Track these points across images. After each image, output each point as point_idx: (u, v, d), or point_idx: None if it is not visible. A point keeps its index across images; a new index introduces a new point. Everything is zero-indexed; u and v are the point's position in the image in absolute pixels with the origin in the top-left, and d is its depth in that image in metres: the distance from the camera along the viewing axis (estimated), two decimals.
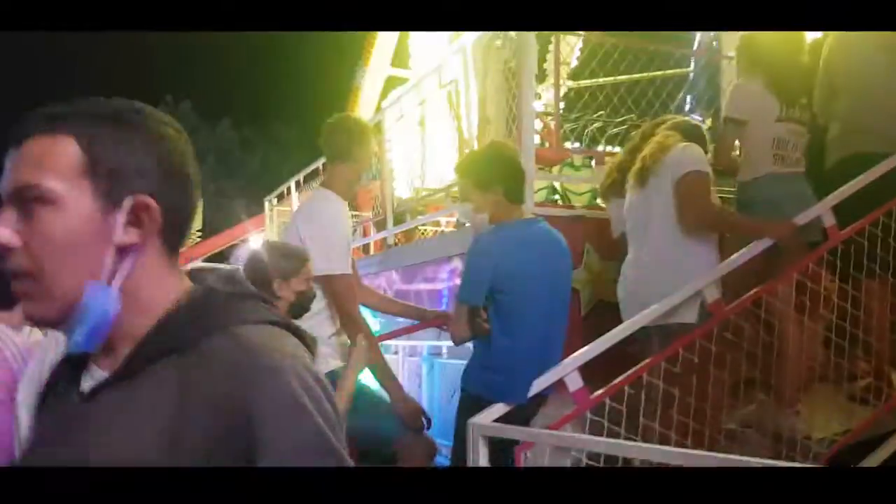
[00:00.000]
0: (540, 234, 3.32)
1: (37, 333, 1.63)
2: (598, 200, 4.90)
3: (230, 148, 34.81)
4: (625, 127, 5.95)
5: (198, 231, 17.97)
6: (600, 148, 6.23)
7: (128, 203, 1.04)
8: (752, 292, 3.44)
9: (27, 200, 1.01)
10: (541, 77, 6.05)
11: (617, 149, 5.97)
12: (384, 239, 6.61)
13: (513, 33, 4.73)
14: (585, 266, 4.38)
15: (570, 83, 6.92)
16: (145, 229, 1.06)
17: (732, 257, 3.41)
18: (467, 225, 3.42)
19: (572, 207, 4.68)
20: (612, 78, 5.99)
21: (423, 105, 5.89)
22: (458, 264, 4.87)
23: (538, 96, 7.02)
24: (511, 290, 3.14)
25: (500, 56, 4.93)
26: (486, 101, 4.98)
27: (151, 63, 39.19)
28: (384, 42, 12.65)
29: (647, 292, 3.34)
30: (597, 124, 6.33)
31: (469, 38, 6.21)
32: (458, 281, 4.60)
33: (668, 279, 3.29)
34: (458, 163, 3.63)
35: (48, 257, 1.01)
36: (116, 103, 1.09)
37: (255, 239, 11.44)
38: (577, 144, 6.46)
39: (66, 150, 1.02)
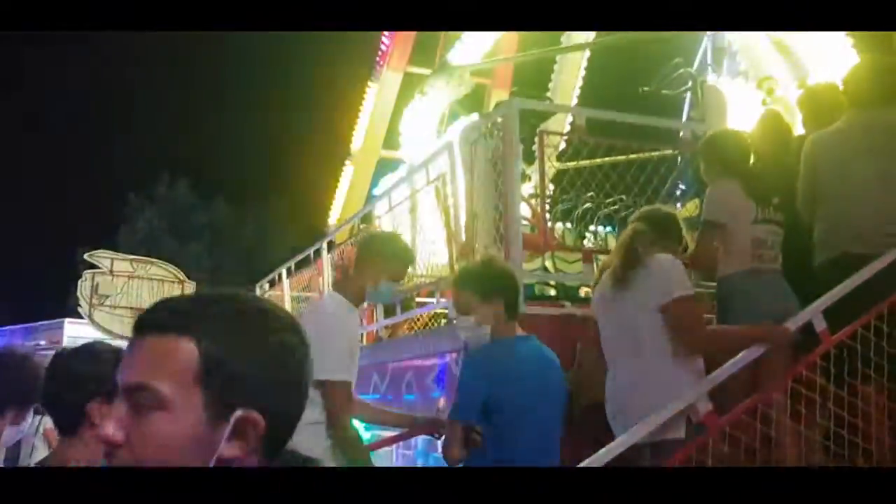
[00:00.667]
0: (532, 352, 3.33)
1: None
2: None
3: (225, 223, 35.00)
4: (615, 207, 5.96)
5: None
6: (592, 228, 6.23)
7: (236, 417, 1.02)
8: (746, 402, 3.38)
9: (138, 399, 1.00)
10: (529, 159, 6.12)
11: (609, 229, 6.00)
12: (375, 331, 6.58)
13: (498, 119, 4.80)
14: (578, 366, 4.33)
15: (559, 164, 7.00)
16: (249, 443, 1.04)
17: (723, 367, 3.35)
18: (464, 337, 3.38)
19: (562, 306, 4.63)
20: (600, 160, 6.04)
21: (414, 196, 5.93)
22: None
23: (527, 178, 7.10)
24: (505, 409, 3.13)
25: (486, 148, 4.98)
26: (472, 196, 5.01)
27: (150, 140, 39.74)
28: (375, 124, 12.89)
29: (635, 408, 3.28)
30: (588, 204, 6.34)
31: (456, 133, 6.32)
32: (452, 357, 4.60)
33: (658, 395, 3.23)
34: (458, 276, 3.59)
35: (149, 456, 0.99)
36: (242, 305, 1.08)
37: None
38: (568, 225, 6.47)
39: (184, 355, 1.02)
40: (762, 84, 6.68)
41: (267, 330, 1.07)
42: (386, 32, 11.88)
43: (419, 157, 8.07)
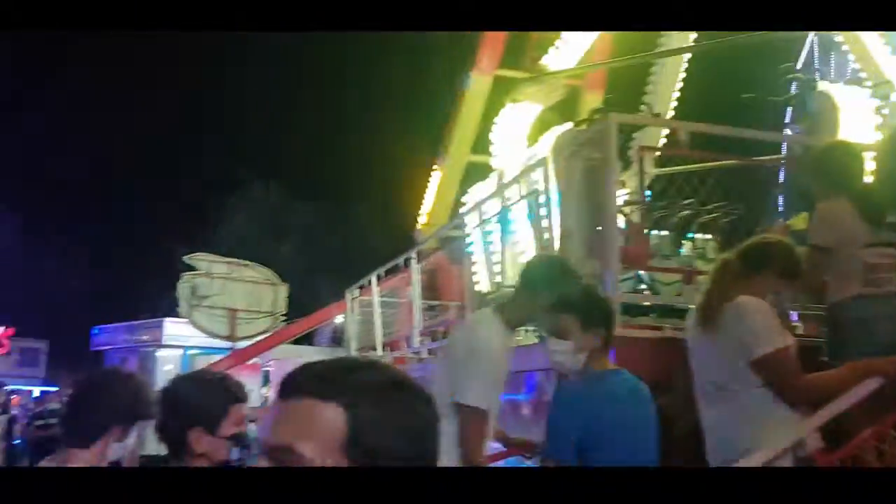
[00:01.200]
0: (625, 387, 3.21)
1: None
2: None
3: (317, 225, 35.70)
4: (715, 214, 5.74)
5: (282, 315, 18.23)
6: (691, 235, 6.02)
7: None
8: (859, 437, 3.17)
9: (281, 459, 1.00)
10: (625, 164, 5.95)
11: (708, 237, 5.78)
12: None
13: (597, 127, 4.69)
14: (676, 390, 4.19)
15: (657, 171, 6.80)
16: None
17: (834, 403, 3.15)
18: (556, 360, 3.26)
19: (659, 328, 4.47)
20: (696, 165, 5.84)
21: (505, 210, 5.86)
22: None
23: (622, 184, 6.92)
24: (598, 447, 3.01)
25: (582, 163, 4.86)
26: (567, 211, 4.91)
27: (242, 140, 40.85)
28: (464, 128, 12.85)
29: (736, 449, 3.10)
30: (686, 211, 6.13)
31: (549, 144, 6.20)
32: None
33: (758, 436, 3.06)
34: (560, 298, 3.44)
35: None
36: (387, 375, 1.09)
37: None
38: (665, 233, 6.27)
39: (331, 422, 1.02)
40: (879, 90, 6.27)
41: (410, 402, 1.08)
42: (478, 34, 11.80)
43: (510, 166, 7.99)
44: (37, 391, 29.35)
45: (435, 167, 13.67)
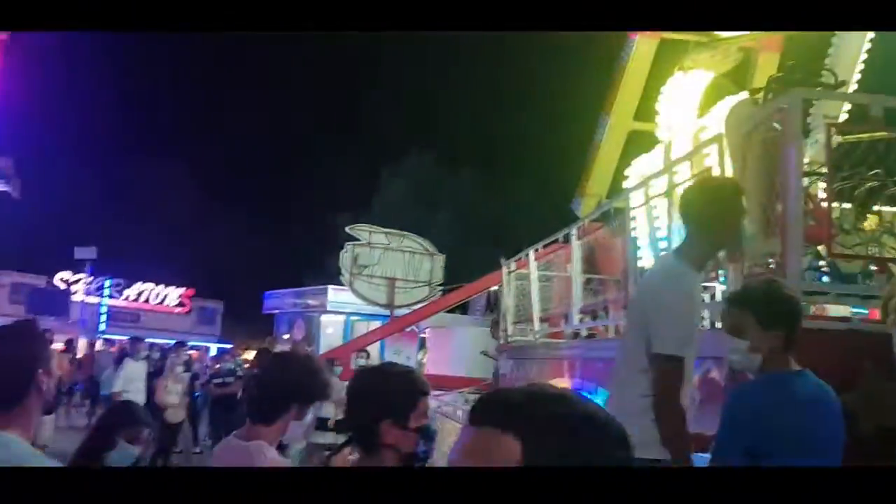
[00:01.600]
0: (808, 391, 2.90)
1: None
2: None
3: (471, 195, 35.92)
4: None
5: (439, 285, 18.55)
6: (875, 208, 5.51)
7: None
8: None
9: None
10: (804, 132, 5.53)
11: None
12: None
13: (778, 104, 4.37)
14: (863, 387, 3.86)
15: (840, 138, 6.27)
16: None
17: None
18: (732, 359, 3.06)
19: (847, 319, 4.13)
20: (885, 134, 5.33)
21: (673, 189, 5.59)
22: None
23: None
24: (773, 454, 2.75)
25: (761, 139, 4.54)
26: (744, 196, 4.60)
27: (397, 116, 41.66)
28: (627, 94, 12.42)
29: None
30: (872, 183, 5.61)
31: (723, 115, 5.84)
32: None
33: None
34: (737, 294, 3.21)
35: None
36: (574, 411, 1.04)
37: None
38: (846, 206, 5.79)
39: (506, 453, 1.00)
40: None
41: (593, 441, 1.01)
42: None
43: (677, 137, 7.63)
44: (213, 348, 31.62)
45: (595, 136, 13.33)
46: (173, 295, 35.39)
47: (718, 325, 5.19)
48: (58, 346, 12.37)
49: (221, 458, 2.67)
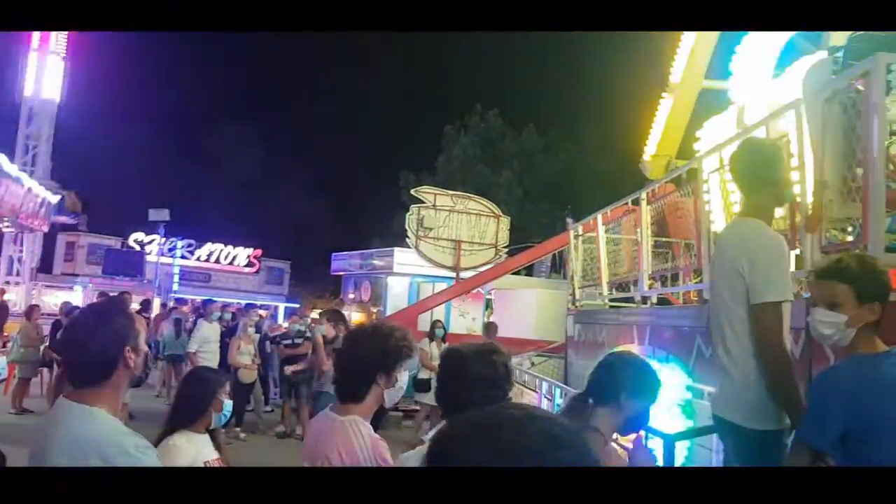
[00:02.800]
0: None
1: None
2: None
3: (535, 152, 35.62)
4: None
5: (504, 246, 18.54)
6: None
7: None
8: None
9: None
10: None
11: None
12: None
13: (861, 68, 4.22)
14: None
15: None
16: None
17: None
18: (821, 332, 2.97)
19: None
20: None
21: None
22: None
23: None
24: (867, 440, 2.66)
25: (842, 106, 4.40)
26: (822, 163, 4.47)
27: (462, 73, 41.31)
28: (698, 53, 12.08)
29: None
30: None
31: (800, 73, 5.66)
32: None
33: None
34: (834, 265, 3.12)
35: None
36: (535, 434, 1.00)
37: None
38: None
39: None
40: None
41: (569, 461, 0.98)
42: None
43: (752, 99, 7.42)
44: (281, 308, 32.30)
45: (664, 94, 13.01)
46: (242, 255, 36.19)
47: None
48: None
49: (317, 431, 2.73)
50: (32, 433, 2.28)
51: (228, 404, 3.74)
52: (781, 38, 7.68)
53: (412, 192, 18.55)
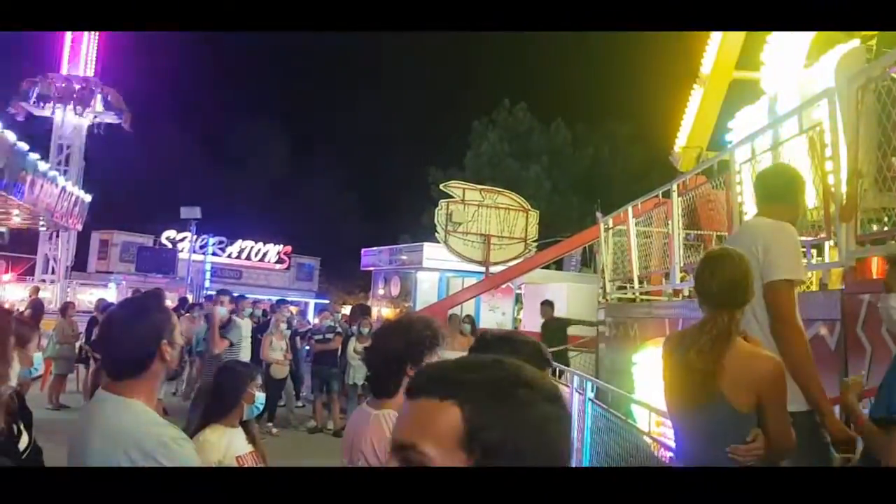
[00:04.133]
0: None
1: None
2: None
3: (563, 146, 35.46)
4: None
5: (534, 241, 18.49)
6: None
7: None
8: None
9: (406, 456, 1.04)
10: None
11: None
12: None
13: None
14: None
15: None
16: None
17: None
18: (892, 316, 2.95)
19: None
20: None
21: (778, 146, 5.40)
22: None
23: None
24: None
25: (877, 94, 4.32)
26: (856, 152, 4.40)
27: (489, 68, 41.22)
28: (728, 44, 11.96)
29: None
30: None
31: (832, 66, 5.59)
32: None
33: None
34: None
35: None
36: (504, 373, 1.08)
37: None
38: None
39: (448, 420, 1.04)
40: None
41: (529, 400, 1.06)
42: None
43: (783, 88, 7.33)
44: (311, 304, 32.49)
45: (695, 86, 12.90)
46: (273, 252, 36.45)
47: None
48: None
49: (353, 425, 2.77)
50: (69, 428, 2.32)
51: (261, 396, 3.78)
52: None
53: (441, 186, 18.55)
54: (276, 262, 36.74)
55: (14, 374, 2.38)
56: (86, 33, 26.61)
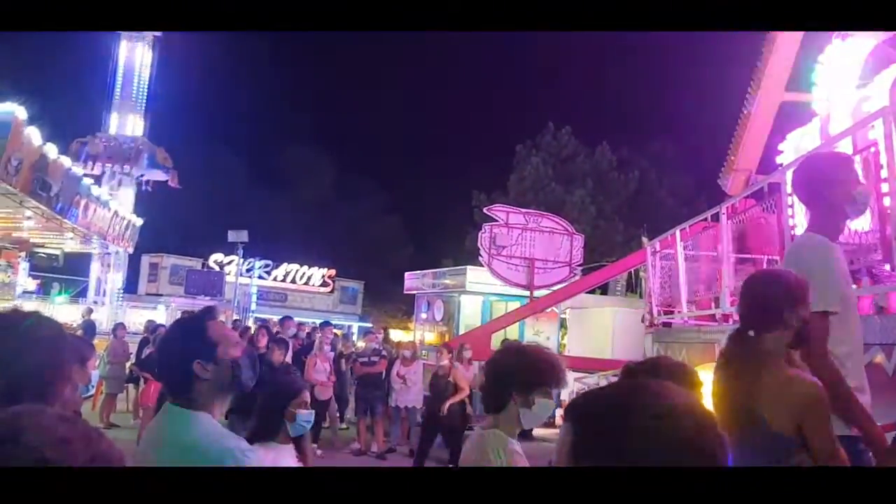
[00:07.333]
0: None
1: None
2: None
3: (608, 170, 35.27)
4: None
5: (579, 265, 18.35)
6: None
7: None
8: None
9: None
10: None
11: None
12: None
13: None
14: None
15: None
16: None
17: None
18: None
19: None
20: None
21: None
22: None
23: None
24: None
25: None
26: None
27: (532, 93, 41.28)
28: (778, 65, 11.82)
29: None
30: None
31: (885, 85, 5.50)
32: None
33: None
34: None
35: None
36: (613, 399, 1.12)
37: None
38: None
39: (563, 444, 1.10)
40: None
41: (629, 425, 1.05)
42: None
43: (836, 110, 7.21)
44: (355, 327, 32.63)
45: (744, 108, 12.76)
46: (317, 275, 36.74)
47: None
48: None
49: (467, 444, 2.84)
50: (122, 446, 2.35)
51: (304, 414, 3.77)
52: (865, 47, 7.45)
53: (485, 210, 18.54)
54: (321, 286, 37.02)
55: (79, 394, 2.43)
56: (135, 86, 27.53)
